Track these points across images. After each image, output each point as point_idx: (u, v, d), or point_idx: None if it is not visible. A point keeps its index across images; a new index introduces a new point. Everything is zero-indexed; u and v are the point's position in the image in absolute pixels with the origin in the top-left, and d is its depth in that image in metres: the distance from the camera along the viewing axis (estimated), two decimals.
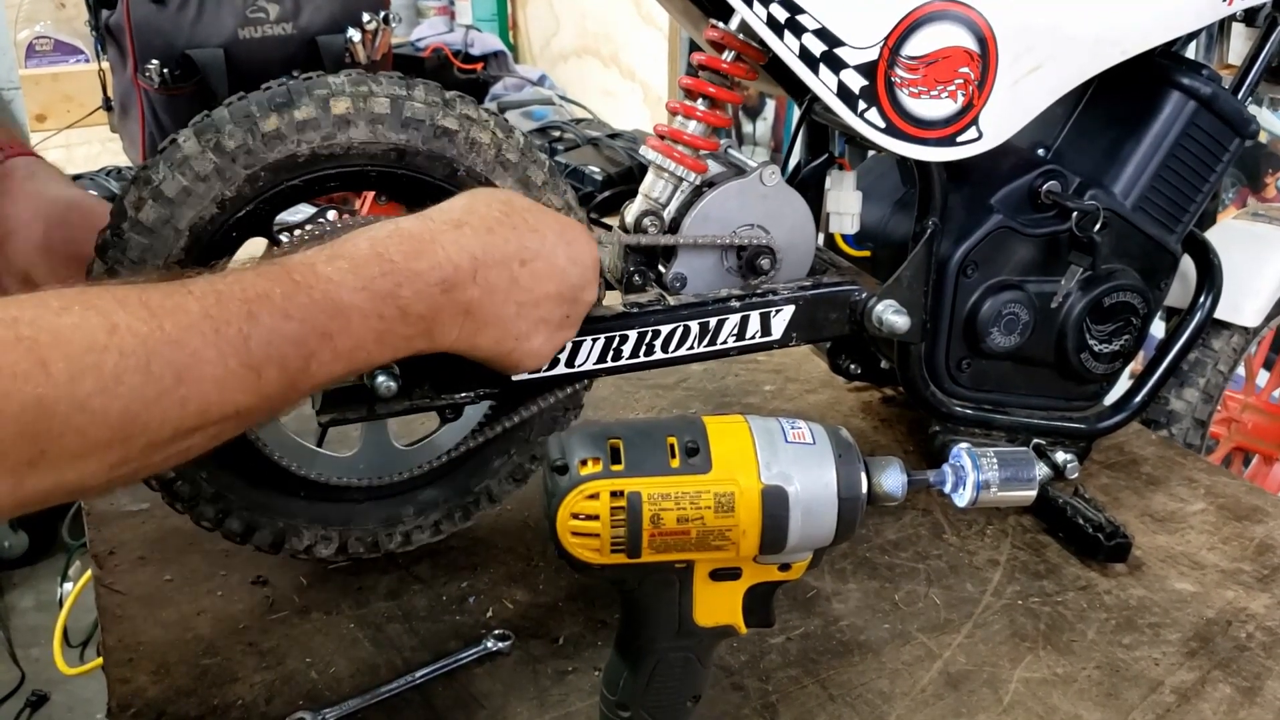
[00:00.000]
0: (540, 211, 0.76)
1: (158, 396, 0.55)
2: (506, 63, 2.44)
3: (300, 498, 0.87)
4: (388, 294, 0.65)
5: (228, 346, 0.57)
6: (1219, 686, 0.84)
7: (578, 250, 0.76)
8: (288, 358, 0.60)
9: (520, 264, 0.72)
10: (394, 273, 0.66)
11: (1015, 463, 0.66)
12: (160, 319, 0.55)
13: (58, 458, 0.52)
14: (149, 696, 0.80)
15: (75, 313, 0.53)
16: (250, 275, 0.61)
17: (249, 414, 0.60)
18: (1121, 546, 0.97)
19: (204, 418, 0.57)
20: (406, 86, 0.80)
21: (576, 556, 0.62)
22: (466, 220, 0.71)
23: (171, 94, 1.68)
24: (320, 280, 0.63)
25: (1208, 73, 1.00)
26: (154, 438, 0.55)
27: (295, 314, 0.61)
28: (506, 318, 0.72)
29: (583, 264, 0.76)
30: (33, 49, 2.33)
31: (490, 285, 0.70)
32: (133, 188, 0.76)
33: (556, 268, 0.74)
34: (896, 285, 0.94)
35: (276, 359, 0.60)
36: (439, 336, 0.70)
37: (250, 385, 0.59)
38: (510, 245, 0.72)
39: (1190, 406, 1.24)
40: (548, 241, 0.74)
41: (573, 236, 0.76)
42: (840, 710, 0.81)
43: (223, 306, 0.58)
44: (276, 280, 0.61)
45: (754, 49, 0.90)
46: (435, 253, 0.68)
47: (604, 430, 0.62)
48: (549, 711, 0.80)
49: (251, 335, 0.59)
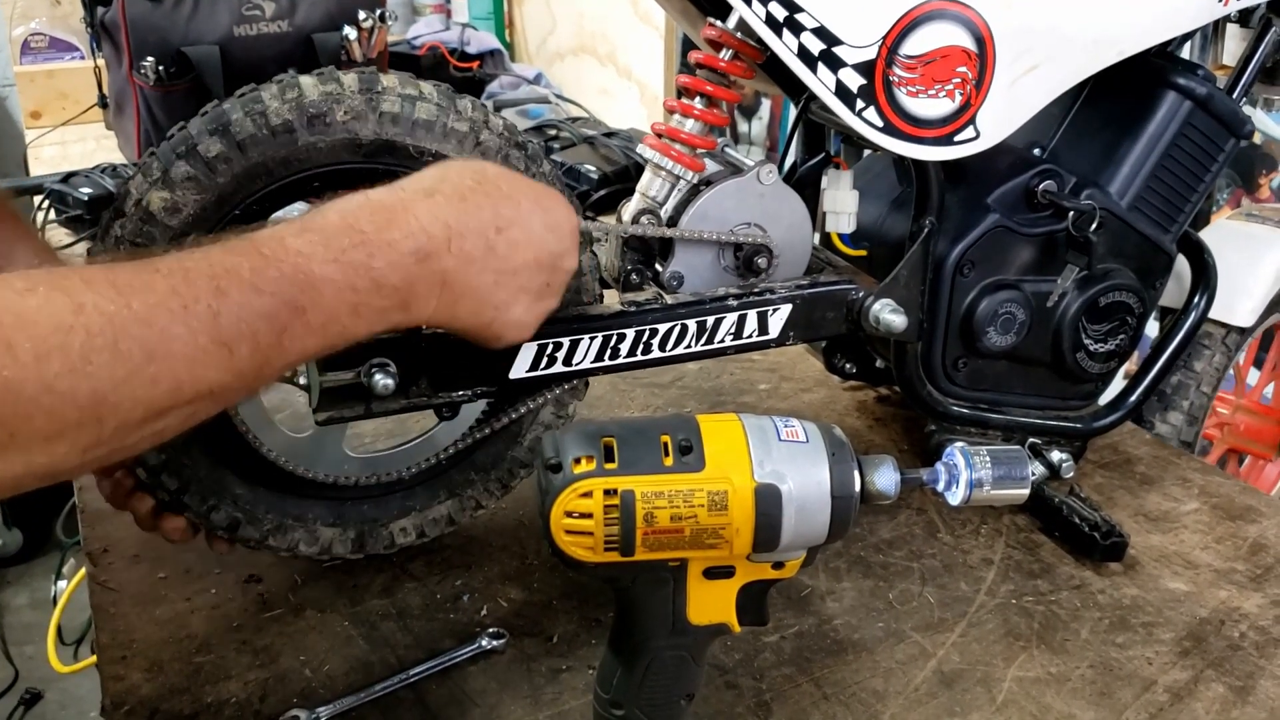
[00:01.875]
0: (514, 179, 0.75)
1: (127, 376, 0.54)
2: (503, 61, 2.44)
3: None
4: (360, 265, 0.64)
5: (197, 323, 0.56)
6: (1212, 686, 0.84)
7: (555, 217, 0.75)
8: (259, 333, 0.59)
9: (496, 231, 0.70)
10: (366, 243, 0.64)
11: (1008, 461, 0.66)
12: (128, 297, 0.55)
13: (27, 440, 0.51)
14: (142, 694, 0.80)
15: (40, 293, 0.52)
16: (218, 251, 0.60)
17: (223, 392, 0.59)
18: (1117, 545, 0.97)
19: (176, 396, 0.56)
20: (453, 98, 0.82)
21: (570, 555, 0.62)
22: (438, 189, 0.69)
23: (167, 91, 1.68)
24: (290, 254, 0.62)
25: (1203, 73, 1.01)
26: (126, 418, 0.55)
27: (265, 288, 0.60)
28: (484, 287, 0.71)
29: (560, 230, 0.75)
30: (28, 46, 2.33)
31: (466, 254, 0.69)
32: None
33: (534, 234, 0.73)
34: (893, 284, 0.95)
35: (248, 334, 0.59)
36: (416, 308, 0.68)
37: (222, 362, 0.58)
38: (485, 212, 0.70)
39: (1175, 429, 1.24)
40: (523, 208, 0.73)
41: (550, 204, 0.75)
42: (834, 709, 0.81)
43: (190, 283, 0.57)
44: (245, 255, 0.60)
45: (751, 47, 0.90)
46: (408, 222, 0.66)
47: (598, 428, 0.62)
48: (543, 710, 0.80)
49: (221, 311, 0.57)
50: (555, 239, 0.75)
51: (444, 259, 0.68)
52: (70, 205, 1.66)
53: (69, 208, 1.67)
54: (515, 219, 0.72)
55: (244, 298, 0.59)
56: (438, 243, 0.67)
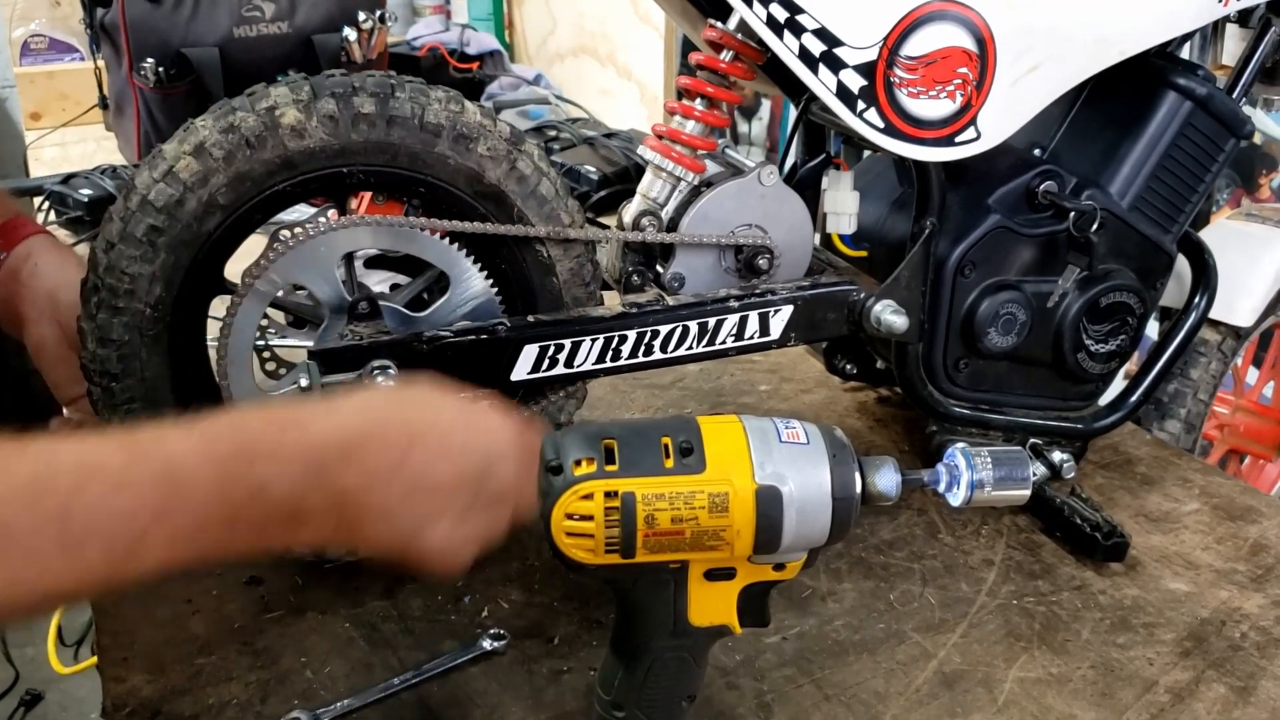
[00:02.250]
0: (440, 392, 0.67)
1: None
2: (502, 62, 2.44)
3: None
4: (238, 474, 0.57)
5: (44, 517, 0.51)
6: (1213, 686, 0.84)
7: (481, 426, 0.66)
8: (115, 535, 0.54)
9: (407, 446, 0.62)
10: (249, 451, 0.58)
11: (1009, 462, 0.66)
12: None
13: None
14: (143, 695, 0.80)
15: None
16: (94, 440, 0.56)
17: (65, 596, 0.55)
18: (1119, 546, 0.97)
19: (9, 593, 0.51)
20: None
21: (571, 557, 0.61)
22: (344, 405, 0.63)
23: (166, 93, 1.68)
24: (164, 452, 0.56)
25: (1203, 73, 1.01)
26: None
27: (129, 485, 0.54)
28: (393, 506, 0.62)
29: (487, 441, 0.65)
30: (28, 47, 2.33)
31: (369, 470, 0.61)
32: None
33: (452, 447, 0.64)
34: (894, 285, 0.95)
35: (102, 535, 0.53)
36: (311, 526, 0.61)
37: (66, 564, 0.52)
38: (394, 427, 0.63)
39: (1173, 437, 1.24)
40: (443, 421, 0.65)
41: (475, 415, 0.67)
42: (835, 710, 0.81)
43: (53, 472, 0.53)
44: (119, 448, 0.56)
45: (752, 49, 0.90)
46: (301, 434, 0.60)
47: (598, 430, 0.62)
48: (544, 711, 0.80)
49: (74, 507, 0.52)
50: (482, 451, 0.65)
51: (343, 475, 0.60)
52: (70, 207, 1.67)
53: (69, 209, 1.67)
54: (432, 432, 0.64)
55: (103, 494, 0.54)
56: (333, 453, 0.60)
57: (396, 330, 0.84)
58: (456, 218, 0.84)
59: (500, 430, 0.66)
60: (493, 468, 0.65)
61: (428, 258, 0.85)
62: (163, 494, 0.55)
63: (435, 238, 0.84)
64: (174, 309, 0.82)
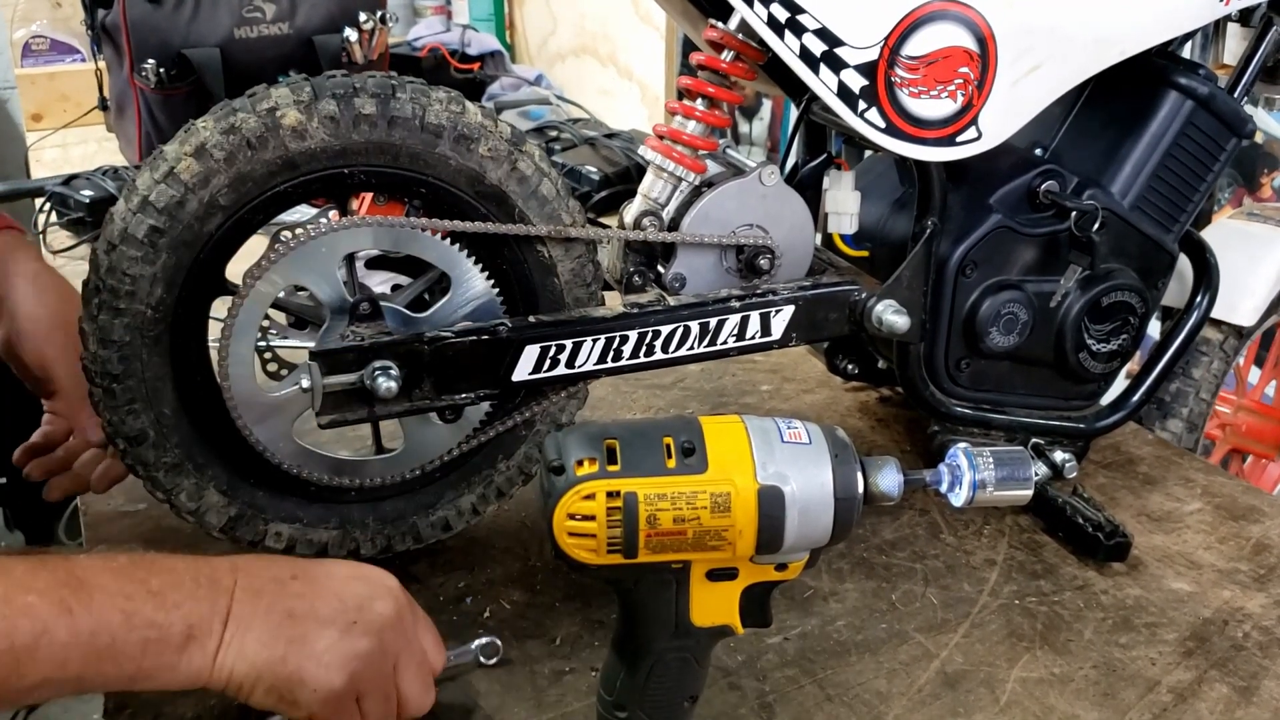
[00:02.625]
0: (328, 561, 0.75)
1: None
2: (503, 62, 2.44)
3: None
4: (137, 579, 0.62)
5: None
6: (1215, 686, 0.84)
7: (365, 573, 0.72)
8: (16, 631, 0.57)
9: (292, 576, 0.68)
10: (147, 564, 0.64)
11: (1011, 462, 0.66)
12: None
13: None
14: (144, 697, 0.80)
15: None
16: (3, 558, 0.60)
17: None
18: (1121, 545, 0.97)
19: None
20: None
21: (573, 557, 0.61)
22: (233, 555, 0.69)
23: (168, 94, 1.68)
24: (67, 561, 0.61)
25: (1205, 72, 1.01)
26: None
27: (34, 587, 0.58)
28: (275, 620, 0.66)
29: (370, 583, 0.71)
30: (29, 48, 2.33)
31: (254, 588, 0.66)
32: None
33: (336, 579, 0.70)
34: (896, 285, 0.94)
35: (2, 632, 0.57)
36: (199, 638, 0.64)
37: None
38: (279, 564, 0.70)
39: (1175, 436, 1.24)
40: (327, 566, 0.72)
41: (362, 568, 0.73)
42: (837, 710, 0.81)
43: None
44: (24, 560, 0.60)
45: (753, 49, 0.90)
46: (194, 559, 0.66)
47: (600, 430, 0.62)
48: (546, 712, 0.80)
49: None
50: (364, 585, 0.71)
51: (231, 591, 0.65)
52: (72, 208, 1.67)
53: (71, 210, 1.67)
54: (318, 572, 0.70)
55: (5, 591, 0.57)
56: (223, 571, 0.66)
57: (398, 331, 0.84)
58: (458, 218, 0.84)
59: (380, 575, 0.72)
60: (371, 598, 0.70)
61: (429, 258, 0.85)
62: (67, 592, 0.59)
63: (436, 238, 0.84)
64: (175, 310, 0.82)
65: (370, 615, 0.69)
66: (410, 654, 0.72)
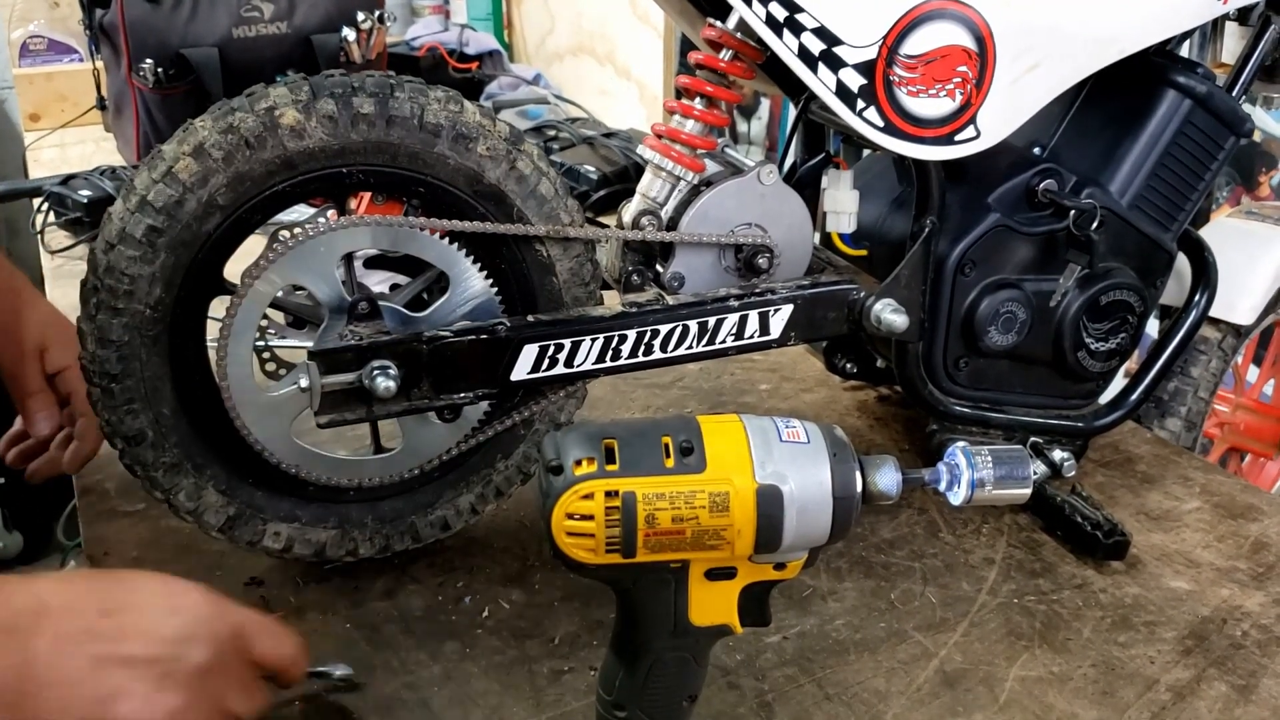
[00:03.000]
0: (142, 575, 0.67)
1: None
2: (501, 62, 2.43)
3: None
4: None
5: None
6: (1214, 684, 0.84)
7: (180, 602, 0.65)
8: None
9: (100, 614, 0.62)
10: None
11: (1010, 461, 0.65)
12: None
13: None
14: None
15: None
16: None
17: None
18: (1120, 544, 0.97)
19: None
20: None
21: (571, 557, 0.61)
22: (45, 577, 0.64)
23: (166, 93, 1.68)
24: None
25: (1203, 71, 1.01)
26: None
27: None
28: (78, 675, 0.60)
29: (184, 616, 0.64)
30: (26, 48, 2.32)
31: (60, 634, 0.59)
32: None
33: (147, 618, 0.63)
34: (894, 284, 0.94)
35: None
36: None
37: None
38: (90, 594, 0.63)
39: (1174, 435, 1.24)
40: (139, 593, 0.65)
41: (176, 590, 0.66)
42: (836, 709, 0.81)
43: None
44: None
45: (751, 48, 0.90)
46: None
47: (599, 430, 0.62)
48: (545, 711, 0.80)
49: None
50: (177, 623, 0.64)
51: (33, 638, 0.59)
52: (70, 208, 1.66)
53: (68, 210, 1.67)
54: (128, 602, 0.64)
55: None
56: (26, 621, 0.59)
57: (396, 330, 0.84)
58: (456, 217, 0.84)
59: (196, 607, 0.65)
60: (187, 643, 0.63)
61: (427, 258, 0.85)
62: None
63: (435, 238, 0.84)
64: (173, 310, 0.82)
65: (185, 664, 0.63)
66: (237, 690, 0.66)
